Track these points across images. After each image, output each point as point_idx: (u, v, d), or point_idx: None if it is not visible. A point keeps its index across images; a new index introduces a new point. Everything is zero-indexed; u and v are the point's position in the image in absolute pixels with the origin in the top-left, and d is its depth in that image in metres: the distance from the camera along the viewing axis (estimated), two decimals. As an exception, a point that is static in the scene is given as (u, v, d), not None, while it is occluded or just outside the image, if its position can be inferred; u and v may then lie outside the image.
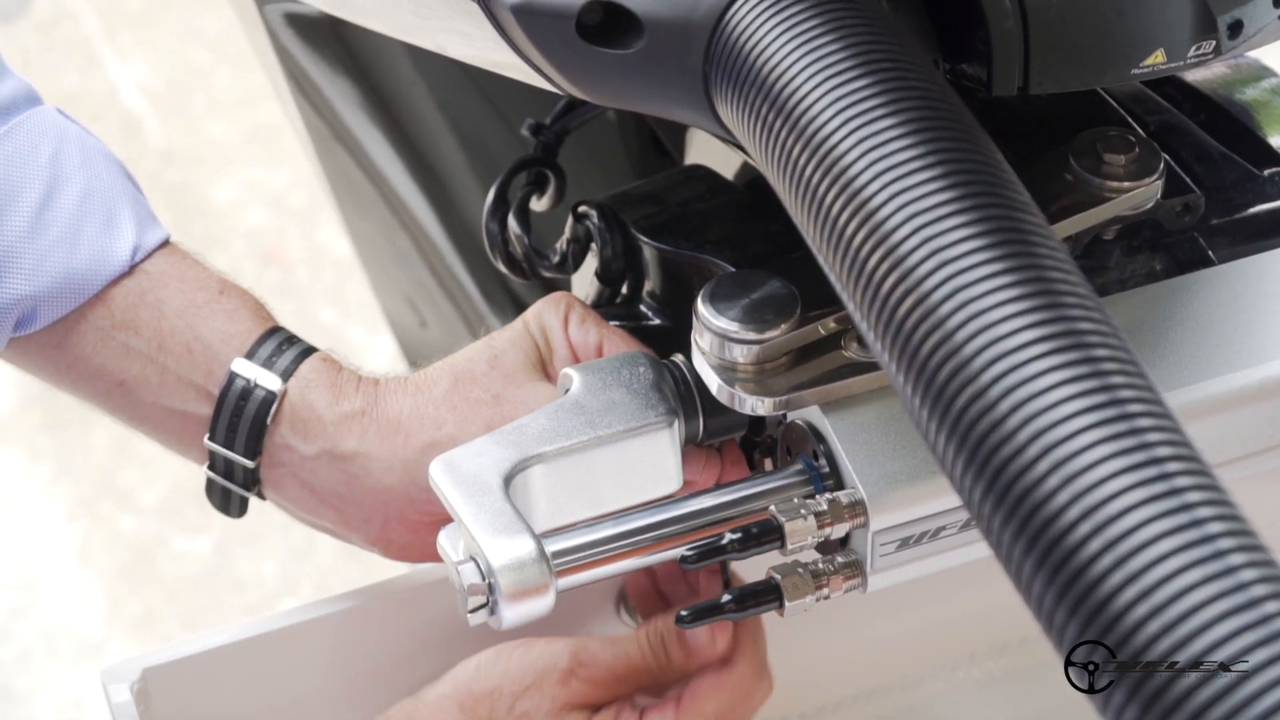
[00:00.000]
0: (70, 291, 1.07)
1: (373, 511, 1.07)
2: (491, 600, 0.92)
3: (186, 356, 1.08)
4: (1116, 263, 1.01)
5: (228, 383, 1.06)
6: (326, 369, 1.07)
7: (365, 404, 1.06)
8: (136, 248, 1.08)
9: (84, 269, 1.06)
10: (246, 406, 1.06)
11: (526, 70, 0.91)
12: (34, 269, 1.05)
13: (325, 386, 1.07)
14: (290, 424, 1.07)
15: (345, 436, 1.06)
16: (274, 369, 1.06)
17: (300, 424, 1.06)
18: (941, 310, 0.72)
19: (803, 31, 0.80)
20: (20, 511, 2.49)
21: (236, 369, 1.06)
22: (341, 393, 1.06)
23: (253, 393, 1.06)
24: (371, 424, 1.05)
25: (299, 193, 2.85)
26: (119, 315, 1.08)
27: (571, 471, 0.98)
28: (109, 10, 3.15)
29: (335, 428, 1.06)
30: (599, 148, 1.37)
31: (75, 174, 1.07)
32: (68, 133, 1.09)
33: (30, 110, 1.08)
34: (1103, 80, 0.96)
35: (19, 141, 1.07)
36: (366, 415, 1.05)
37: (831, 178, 0.77)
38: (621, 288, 1.09)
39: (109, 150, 1.11)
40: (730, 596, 0.94)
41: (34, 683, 2.31)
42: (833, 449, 0.93)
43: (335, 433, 1.06)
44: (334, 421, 1.06)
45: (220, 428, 1.07)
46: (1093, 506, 0.66)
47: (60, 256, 1.06)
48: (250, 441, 1.07)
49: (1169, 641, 0.63)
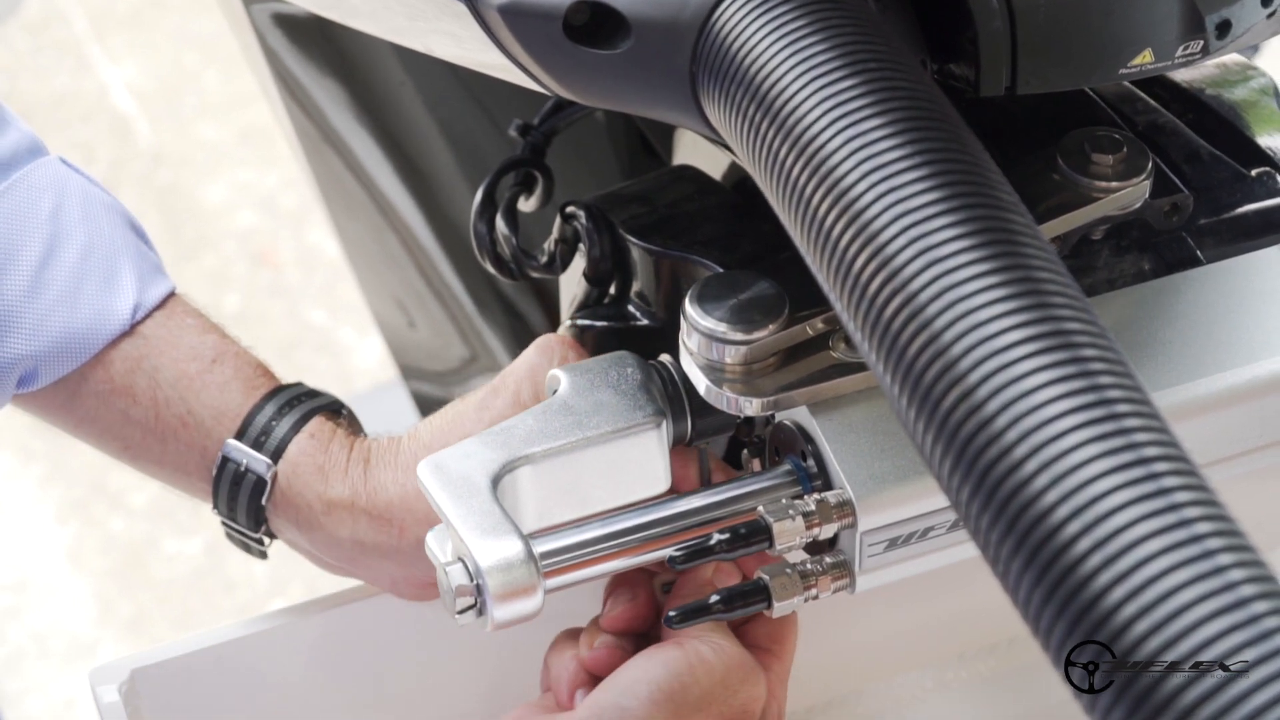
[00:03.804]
0: (71, 352, 1.06)
1: (378, 578, 1.08)
2: (480, 601, 0.92)
3: (182, 431, 1.07)
4: (1104, 262, 1.01)
5: (221, 465, 1.06)
6: (314, 449, 1.06)
7: (353, 492, 1.05)
8: (137, 306, 1.07)
9: (84, 329, 1.05)
10: (240, 491, 1.06)
11: (514, 71, 0.91)
12: (34, 329, 1.04)
13: (312, 472, 1.06)
14: (284, 510, 1.07)
15: (337, 526, 1.06)
16: (264, 449, 1.06)
17: (293, 510, 1.06)
18: (928, 310, 0.72)
19: (789, 32, 0.80)
20: (11, 513, 2.49)
21: (228, 452, 1.06)
22: (328, 478, 1.05)
23: (244, 477, 1.06)
24: (361, 515, 1.05)
25: (289, 194, 2.85)
26: (118, 380, 1.07)
27: (559, 472, 0.98)
28: (99, 12, 3.15)
29: (326, 517, 1.06)
30: (587, 148, 1.37)
31: (76, 229, 1.06)
32: (69, 185, 1.08)
33: (32, 163, 1.07)
34: (1090, 80, 0.96)
35: (19, 198, 1.06)
36: (355, 507, 1.05)
37: (818, 178, 0.76)
38: (609, 288, 1.09)
39: (113, 200, 1.10)
40: (719, 597, 0.94)
41: (25, 684, 2.30)
42: (821, 449, 0.93)
43: (327, 522, 1.06)
44: (323, 511, 1.06)
45: (221, 504, 1.08)
46: (1080, 506, 0.66)
47: (60, 316, 1.05)
48: (251, 517, 1.07)
49: (1157, 641, 0.63)
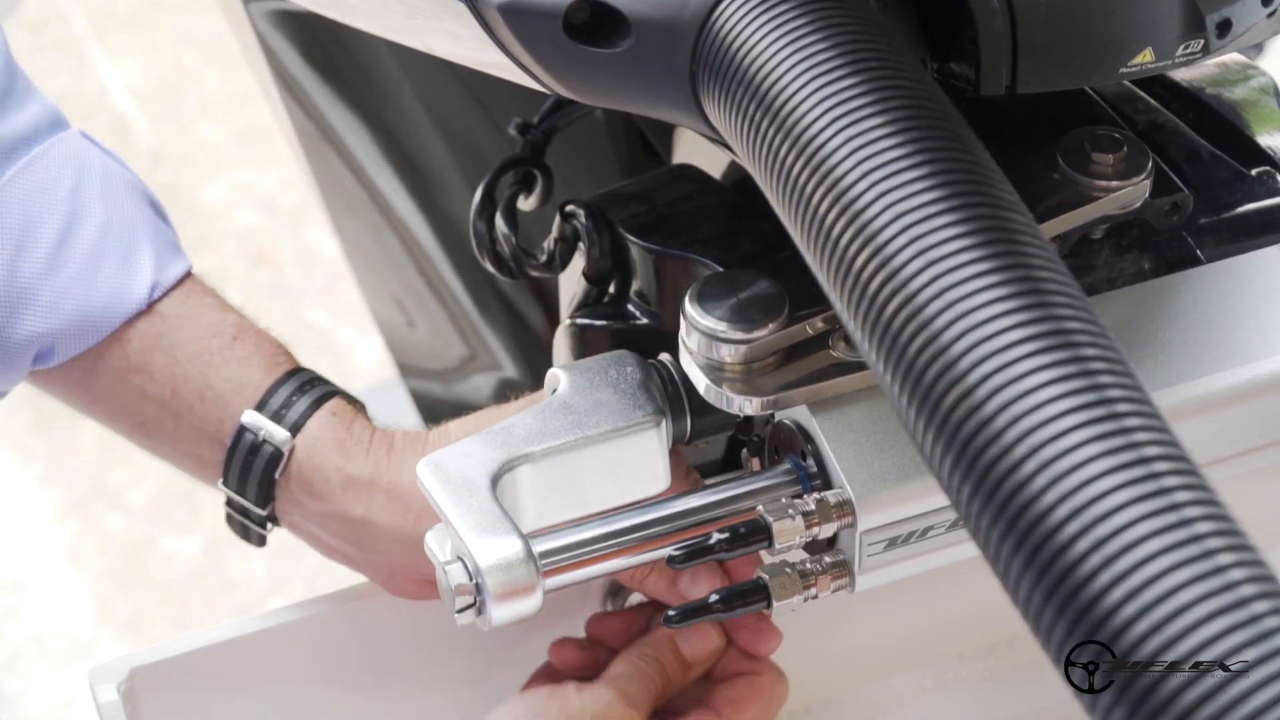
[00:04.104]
0: (88, 330, 1.06)
1: (379, 566, 1.08)
2: (479, 600, 0.92)
3: (199, 405, 1.07)
4: (1105, 262, 1.01)
5: (237, 435, 1.06)
6: (336, 425, 1.06)
7: (375, 470, 1.05)
8: (155, 285, 1.07)
9: (101, 307, 1.06)
10: (255, 461, 1.06)
11: (514, 70, 0.91)
12: (51, 306, 1.05)
13: (333, 446, 1.06)
14: (298, 482, 1.07)
15: (353, 502, 1.06)
16: (283, 423, 1.06)
17: (307, 483, 1.06)
18: (929, 310, 0.72)
19: (790, 30, 0.80)
20: (10, 512, 2.49)
21: (246, 421, 1.06)
22: (350, 454, 1.06)
23: (260, 447, 1.06)
24: (379, 494, 1.05)
25: (289, 194, 2.84)
26: (134, 358, 1.07)
27: (559, 471, 0.98)
28: (98, 11, 3.14)
29: (343, 492, 1.06)
30: (587, 147, 1.37)
31: (95, 207, 1.06)
32: (89, 162, 1.08)
33: (53, 137, 1.07)
34: (1091, 79, 0.96)
35: (39, 174, 1.05)
36: (374, 485, 1.05)
37: (818, 177, 0.76)
38: (609, 287, 1.09)
39: (133, 177, 1.10)
40: (718, 597, 0.94)
41: (24, 683, 2.30)
42: (820, 449, 0.93)
43: (342, 496, 1.06)
44: (341, 485, 1.06)
45: (232, 476, 1.08)
46: (1080, 506, 0.66)
47: (78, 294, 1.05)
48: (261, 491, 1.07)
49: (1157, 641, 0.63)
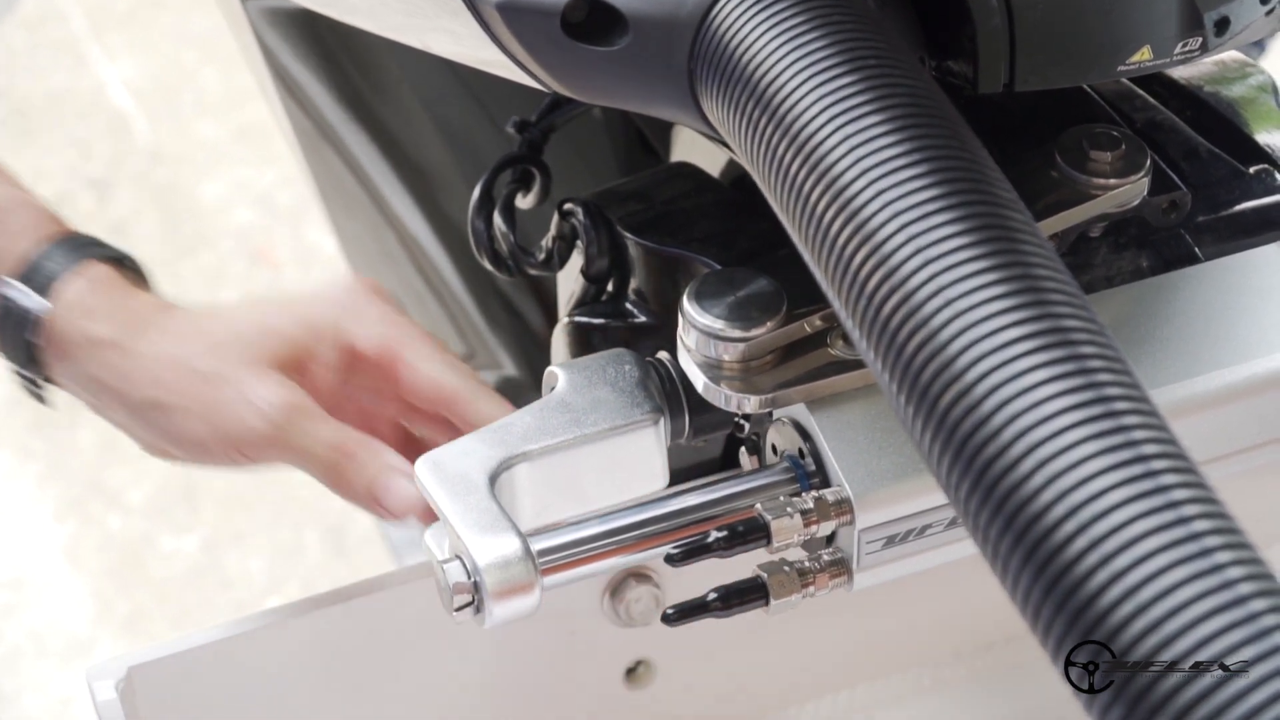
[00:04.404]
0: None
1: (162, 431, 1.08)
2: (477, 599, 0.92)
3: None
4: (1103, 260, 1.01)
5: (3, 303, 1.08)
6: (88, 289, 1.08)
7: (115, 333, 1.07)
8: None
9: None
10: (7, 325, 1.08)
11: (512, 68, 0.91)
12: None
13: (80, 308, 1.07)
14: (56, 344, 1.08)
15: (98, 366, 1.07)
16: (34, 285, 1.07)
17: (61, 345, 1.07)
18: (926, 308, 0.72)
19: (788, 28, 0.80)
20: (8, 511, 2.49)
21: (3, 289, 1.07)
22: (94, 316, 1.07)
23: (12, 311, 1.07)
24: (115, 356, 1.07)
25: (287, 192, 2.84)
26: None
27: (557, 469, 0.98)
28: (97, 9, 3.14)
29: (88, 353, 1.07)
30: (585, 145, 1.37)
31: None
32: None
33: None
34: (1089, 77, 0.96)
35: None
36: (116, 347, 1.07)
37: (816, 175, 0.76)
38: (607, 285, 1.09)
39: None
40: (715, 595, 0.94)
41: (22, 682, 2.30)
42: (819, 447, 0.93)
43: (87, 359, 1.07)
44: (86, 346, 1.07)
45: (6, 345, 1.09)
46: (1078, 504, 0.66)
47: None
48: (19, 352, 1.09)
49: (1154, 640, 0.63)
